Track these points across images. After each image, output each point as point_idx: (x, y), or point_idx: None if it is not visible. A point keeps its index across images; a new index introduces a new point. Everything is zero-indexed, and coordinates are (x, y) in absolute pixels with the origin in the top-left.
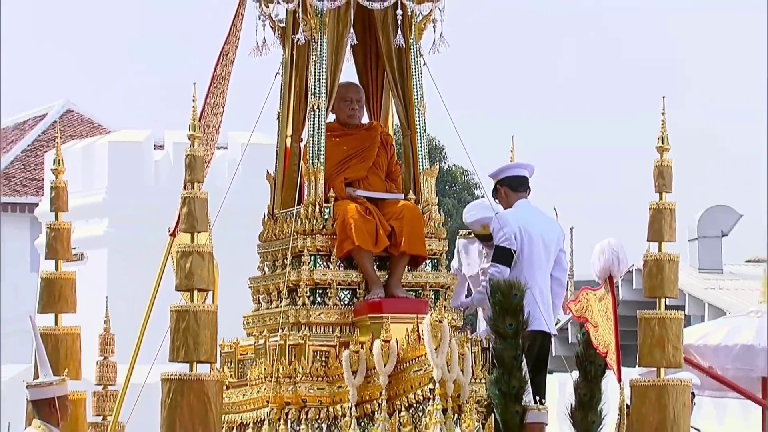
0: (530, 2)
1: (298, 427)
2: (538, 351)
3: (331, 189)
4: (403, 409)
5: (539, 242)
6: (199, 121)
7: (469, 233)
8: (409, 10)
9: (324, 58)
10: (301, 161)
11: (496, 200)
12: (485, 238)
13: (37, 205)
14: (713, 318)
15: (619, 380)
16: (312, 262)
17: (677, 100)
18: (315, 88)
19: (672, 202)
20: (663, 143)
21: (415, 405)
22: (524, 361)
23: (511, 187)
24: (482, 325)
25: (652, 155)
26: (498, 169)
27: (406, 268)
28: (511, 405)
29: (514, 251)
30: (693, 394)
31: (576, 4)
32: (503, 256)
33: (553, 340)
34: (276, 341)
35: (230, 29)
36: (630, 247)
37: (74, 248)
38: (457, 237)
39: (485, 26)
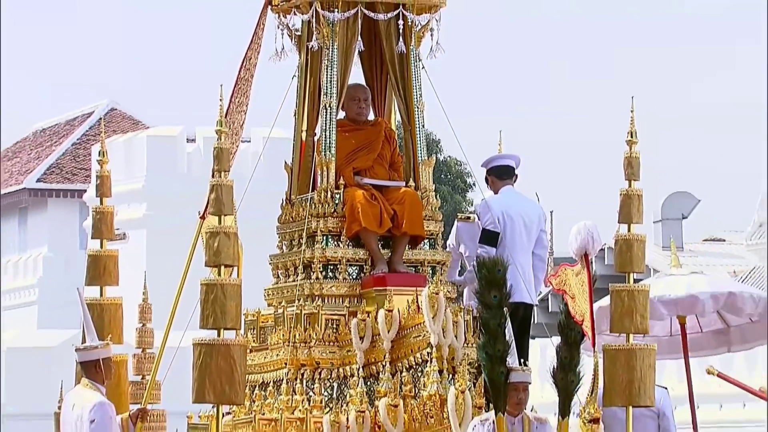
0: (516, 15)
1: (312, 386)
2: (521, 319)
3: (341, 177)
4: (404, 370)
5: (521, 224)
6: (225, 118)
7: (468, 217)
8: (409, 20)
9: (335, 63)
10: (315, 153)
11: (488, 187)
12: None
13: (85, 191)
14: None
15: (594, 345)
16: (324, 242)
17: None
18: (327, 89)
19: (639, 189)
20: (632, 137)
21: (414, 366)
22: (508, 327)
23: (498, 175)
24: (469, 300)
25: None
26: (487, 159)
27: (406, 247)
28: (497, 366)
29: (498, 233)
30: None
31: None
32: (488, 238)
33: (534, 309)
34: (293, 311)
35: (252, 37)
36: (603, 228)
37: (117, 229)
38: (456, 220)
39: (477, 34)
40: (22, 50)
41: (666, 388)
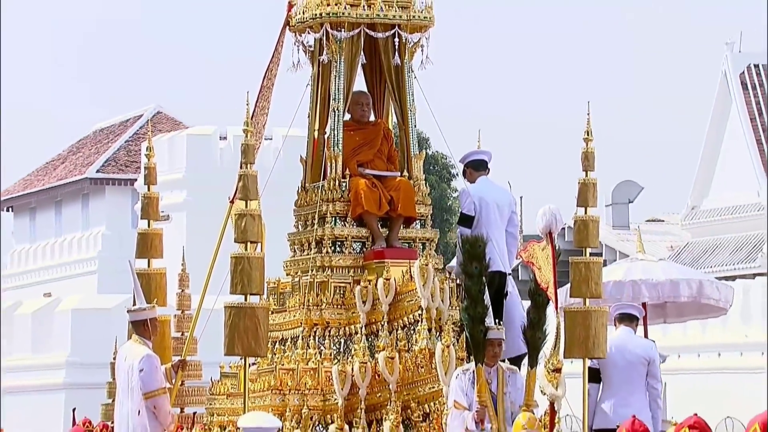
0: (492, 34)
1: (323, 342)
2: (497, 286)
3: (347, 168)
4: (399, 328)
5: (494, 207)
6: (251, 119)
7: None
8: (403, 38)
9: (342, 73)
10: (325, 148)
11: (465, 178)
12: None
13: (135, 180)
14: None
15: (557, 308)
16: (333, 222)
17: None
18: (335, 95)
19: (594, 178)
20: (588, 135)
21: (408, 325)
22: (486, 293)
23: (474, 167)
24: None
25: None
26: (464, 155)
27: (401, 226)
28: (476, 325)
29: (473, 216)
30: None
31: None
32: (464, 220)
33: (509, 277)
34: (307, 279)
35: (274, 52)
36: (564, 211)
37: (162, 212)
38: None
39: (461, 50)
40: (86, 63)
41: (654, 342)
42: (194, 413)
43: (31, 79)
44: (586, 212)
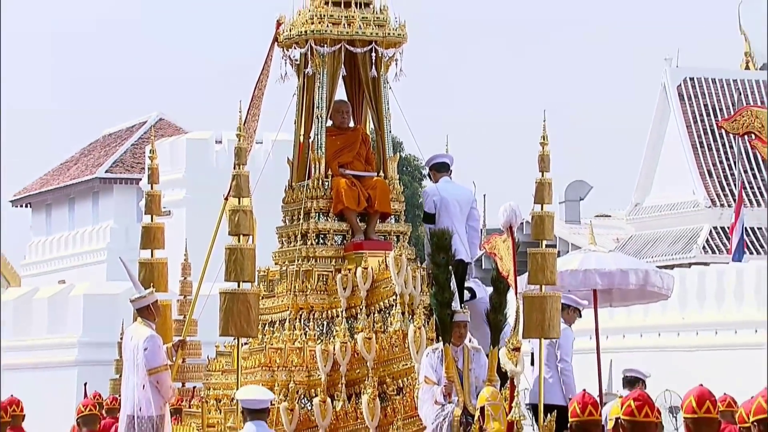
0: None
1: (308, 324)
2: (460, 273)
3: (329, 169)
4: (376, 312)
5: (455, 204)
6: (243, 125)
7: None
8: (380, 53)
9: (324, 84)
10: (310, 151)
11: (430, 179)
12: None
13: (140, 179)
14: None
15: (516, 293)
16: (317, 217)
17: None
18: (318, 104)
19: (549, 178)
20: (544, 140)
21: (383, 309)
22: (452, 280)
23: (437, 169)
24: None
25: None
26: (428, 158)
27: (377, 221)
28: (444, 309)
29: (434, 214)
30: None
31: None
32: (426, 218)
33: (472, 265)
34: (294, 268)
35: (263, 65)
36: (523, 207)
37: (163, 208)
38: None
39: (431, 64)
40: (98, 76)
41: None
42: (194, 387)
43: (47, 88)
44: (542, 208)
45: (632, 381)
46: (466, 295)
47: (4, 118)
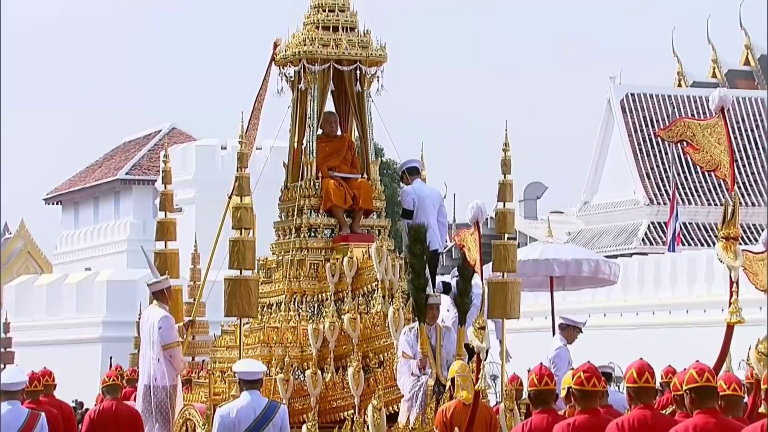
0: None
1: (301, 306)
2: (434, 262)
3: (320, 172)
4: (360, 296)
5: (429, 201)
6: (245, 133)
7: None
8: (363, 71)
9: (315, 98)
10: (302, 156)
11: (402, 180)
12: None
13: (155, 180)
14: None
15: (482, 279)
16: (309, 213)
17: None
18: (310, 115)
19: (510, 180)
20: (506, 147)
21: (367, 293)
22: (427, 268)
23: (409, 172)
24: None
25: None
26: (402, 163)
27: (362, 217)
28: (419, 294)
29: (412, 210)
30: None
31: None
32: (405, 214)
33: (443, 255)
34: (289, 258)
35: (262, 81)
36: (488, 205)
37: (176, 205)
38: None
39: (408, 80)
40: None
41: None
42: (202, 361)
43: (76, 100)
44: (504, 206)
45: (563, 327)
46: (441, 287)
47: (33, 129)
